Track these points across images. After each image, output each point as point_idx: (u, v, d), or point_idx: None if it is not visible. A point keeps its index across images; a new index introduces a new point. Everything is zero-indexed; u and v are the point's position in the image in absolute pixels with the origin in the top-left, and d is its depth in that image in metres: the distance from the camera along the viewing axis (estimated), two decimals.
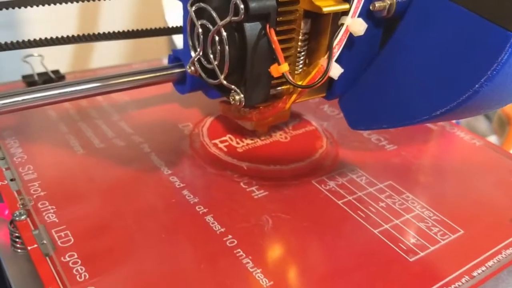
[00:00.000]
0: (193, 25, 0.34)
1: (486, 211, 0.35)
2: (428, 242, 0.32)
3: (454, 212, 0.35)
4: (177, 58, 0.40)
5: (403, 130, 0.44)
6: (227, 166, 0.37)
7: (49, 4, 0.40)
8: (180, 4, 0.36)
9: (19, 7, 0.39)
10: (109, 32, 0.43)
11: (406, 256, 0.31)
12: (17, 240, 0.30)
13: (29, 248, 0.29)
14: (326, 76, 0.30)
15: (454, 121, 0.48)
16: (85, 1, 0.41)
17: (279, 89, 0.34)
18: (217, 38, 0.32)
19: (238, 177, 0.36)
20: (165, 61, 0.56)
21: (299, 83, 0.32)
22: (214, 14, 0.31)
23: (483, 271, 0.30)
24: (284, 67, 0.30)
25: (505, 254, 0.31)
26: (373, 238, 0.32)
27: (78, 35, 0.42)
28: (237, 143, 0.40)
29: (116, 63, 0.70)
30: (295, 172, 0.37)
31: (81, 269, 0.28)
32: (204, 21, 0.32)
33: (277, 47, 0.30)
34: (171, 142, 0.40)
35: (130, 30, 0.44)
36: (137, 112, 0.44)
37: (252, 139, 0.40)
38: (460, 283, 0.29)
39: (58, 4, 0.40)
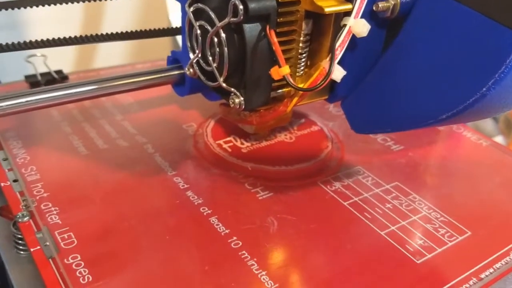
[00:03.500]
0: (191, 26, 0.33)
1: (494, 212, 0.35)
2: (435, 244, 0.31)
3: (461, 213, 0.34)
4: (176, 59, 0.39)
5: (410, 131, 0.43)
6: (232, 166, 0.37)
7: (55, 4, 0.40)
8: None
9: (25, 7, 0.39)
10: (112, 33, 0.43)
11: (413, 258, 0.30)
12: (20, 242, 0.30)
13: (32, 250, 0.29)
14: (328, 79, 0.29)
15: None
16: (88, 1, 0.41)
17: (280, 92, 0.33)
18: (216, 39, 0.31)
19: (243, 178, 0.36)
20: None
21: (301, 85, 0.31)
22: (213, 15, 0.30)
23: (490, 273, 0.30)
24: (285, 70, 0.29)
25: None
26: (380, 240, 0.31)
27: (82, 36, 0.42)
28: (242, 143, 0.39)
29: (120, 62, 0.70)
30: (300, 173, 0.37)
31: (85, 271, 0.27)
32: (203, 22, 0.32)
33: (277, 49, 0.29)
34: (175, 142, 0.40)
35: (134, 30, 0.44)
36: (140, 112, 0.44)
37: (256, 140, 0.40)
38: (467, 285, 0.29)
39: (61, 4, 0.40)
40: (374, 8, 0.30)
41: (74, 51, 0.74)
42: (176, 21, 0.71)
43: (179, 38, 0.71)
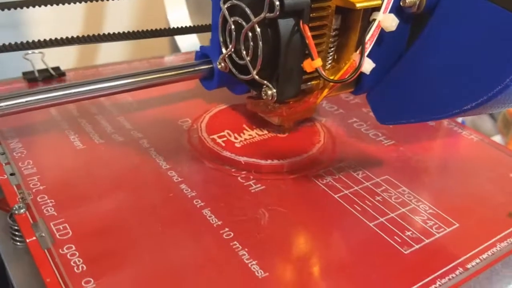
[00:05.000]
0: (225, 21, 0.35)
1: (482, 205, 0.36)
2: (423, 235, 0.32)
3: (450, 206, 0.35)
4: (204, 54, 0.41)
5: (401, 126, 0.44)
6: (225, 160, 0.37)
7: (51, 5, 0.40)
8: (183, 4, 0.37)
9: (21, 8, 0.39)
10: (111, 34, 0.44)
11: (400, 249, 0.31)
12: (17, 233, 0.31)
13: (27, 240, 0.29)
14: (359, 71, 0.31)
15: (459, 121, 0.48)
16: (87, 2, 0.42)
17: (309, 84, 0.35)
18: (250, 34, 0.32)
19: (236, 172, 0.37)
20: (166, 60, 0.57)
21: (330, 78, 0.33)
22: (248, 11, 0.32)
23: (477, 263, 0.30)
24: (318, 62, 0.31)
25: (499, 247, 0.32)
26: (369, 231, 0.32)
27: (81, 36, 0.42)
28: (235, 138, 0.40)
29: (118, 61, 0.70)
30: (293, 167, 0.37)
31: (79, 261, 0.28)
32: (237, 18, 0.33)
33: (311, 42, 0.31)
34: (170, 137, 0.40)
35: (132, 31, 0.45)
36: (136, 108, 0.45)
37: (250, 135, 0.40)
38: (454, 275, 0.29)
39: (60, 5, 0.41)
40: (401, 3, 0.31)
41: (71, 49, 0.75)
42: (174, 21, 0.72)
43: (177, 38, 0.72)
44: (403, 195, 0.35)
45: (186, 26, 0.48)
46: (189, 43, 0.72)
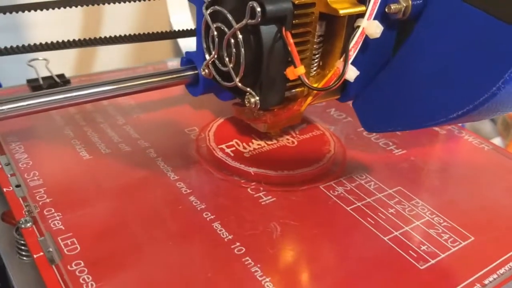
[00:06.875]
0: (207, 28, 0.34)
1: (497, 217, 0.35)
2: (439, 249, 0.31)
3: (465, 218, 0.34)
4: (190, 60, 0.40)
5: (412, 135, 0.43)
6: (234, 171, 0.37)
7: (53, 8, 0.40)
8: (186, 7, 0.36)
9: (23, 11, 0.39)
10: (114, 36, 0.43)
11: (416, 264, 0.30)
12: (23, 247, 0.30)
13: (35, 256, 0.29)
14: (342, 79, 0.31)
15: (460, 124, 0.48)
16: (89, 5, 0.41)
17: (293, 92, 0.34)
18: (232, 40, 0.32)
19: (245, 183, 0.36)
20: (170, 64, 0.56)
21: (314, 85, 0.32)
22: (230, 17, 0.31)
23: (494, 279, 0.30)
24: (301, 70, 0.30)
25: None
26: (383, 245, 0.31)
27: (83, 39, 0.42)
28: (244, 148, 0.39)
29: (121, 66, 0.70)
30: (303, 178, 0.37)
31: (88, 278, 0.27)
32: (219, 24, 0.33)
33: (293, 49, 0.30)
34: (177, 147, 0.40)
35: (135, 33, 0.44)
36: (142, 116, 0.44)
37: (259, 144, 0.40)
38: None
39: (62, 8, 0.40)
40: (386, 10, 0.31)
41: (74, 55, 0.74)
42: (177, 24, 0.71)
43: (180, 41, 0.72)
44: (417, 207, 0.35)
45: (189, 29, 0.48)
46: (192, 46, 0.71)
